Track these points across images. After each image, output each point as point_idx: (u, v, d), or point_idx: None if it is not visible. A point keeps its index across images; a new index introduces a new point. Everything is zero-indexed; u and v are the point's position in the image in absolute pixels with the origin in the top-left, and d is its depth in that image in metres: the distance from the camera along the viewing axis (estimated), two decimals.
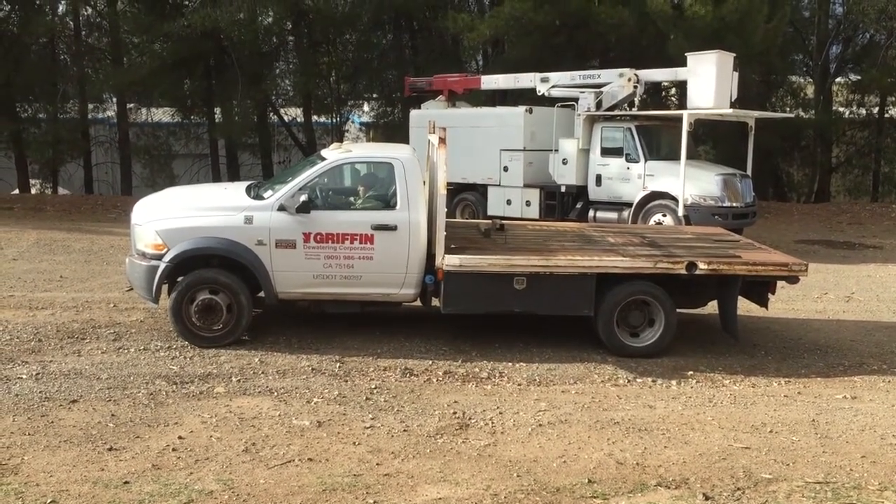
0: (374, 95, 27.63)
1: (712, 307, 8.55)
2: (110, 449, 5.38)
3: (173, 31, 20.48)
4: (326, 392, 6.63)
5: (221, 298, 7.66)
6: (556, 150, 15.26)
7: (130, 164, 25.08)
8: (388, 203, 7.91)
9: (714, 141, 24.54)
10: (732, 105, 14.24)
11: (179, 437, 5.60)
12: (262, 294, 7.84)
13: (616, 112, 14.94)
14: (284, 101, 26.96)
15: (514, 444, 5.69)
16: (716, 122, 17.43)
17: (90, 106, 25.39)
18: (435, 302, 8.04)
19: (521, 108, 15.92)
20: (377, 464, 5.28)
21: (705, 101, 13.81)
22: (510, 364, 7.55)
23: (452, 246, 7.81)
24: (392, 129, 24.41)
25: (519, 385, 7.02)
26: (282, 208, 7.69)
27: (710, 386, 7.18)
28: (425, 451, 5.51)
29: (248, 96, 22.98)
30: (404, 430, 5.87)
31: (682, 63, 14.33)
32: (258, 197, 8.04)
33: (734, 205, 13.92)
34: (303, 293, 7.90)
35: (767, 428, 6.12)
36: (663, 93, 24.41)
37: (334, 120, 27.03)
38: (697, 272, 7.69)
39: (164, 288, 7.81)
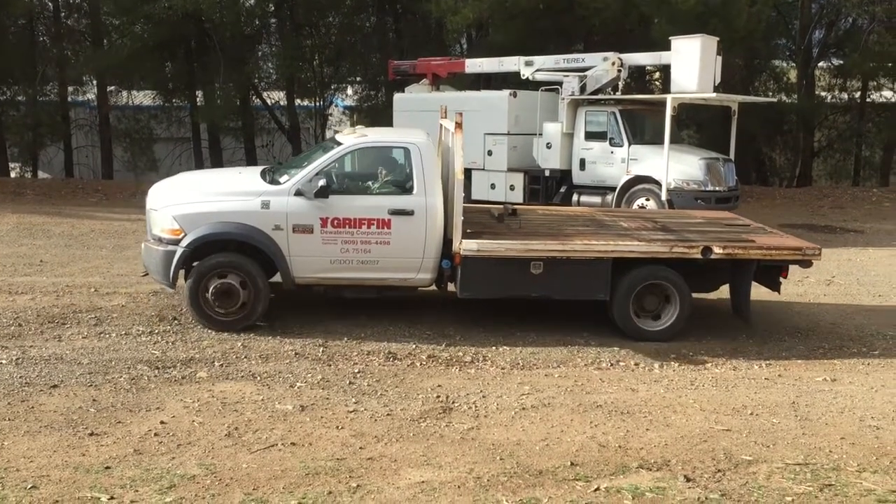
0: (358, 79, 27.43)
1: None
2: (91, 434, 5.36)
3: (154, 13, 20.20)
4: (310, 376, 6.62)
5: (239, 283, 7.65)
6: (541, 134, 15.25)
7: (111, 148, 24.81)
8: (404, 188, 7.89)
9: (697, 125, 24.57)
10: (716, 89, 14.24)
11: (161, 422, 5.58)
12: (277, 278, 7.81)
13: (600, 96, 14.92)
14: (267, 84, 26.70)
15: (498, 427, 5.71)
16: (699, 107, 17.44)
17: (70, 89, 25.07)
18: (451, 287, 8.04)
19: (506, 92, 15.83)
20: (360, 448, 5.28)
21: (689, 85, 13.79)
22: (494, 348, 7.57)
23: (468, 231, 7.80)
24: (376, 113, 24.22)
25: (502, 369, 7.04)
26: (299, 193, 7.66)
27: (691, 369, 7.23)
28: (409, 435, 5.52)
29: (231, 80, 22.73)
30: (388, 414, 5.87)
31: (666, 47, 14.29)
32: (274, 182, 8.00)
33: (717, 189, 13.98)
34: (320, 278, 7.87)
35: (748, 410, 6.18)
36: (647, 77, 24.40)
37: (318, 103, 26.85)
38: (713, 256, 7.73)
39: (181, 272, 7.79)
